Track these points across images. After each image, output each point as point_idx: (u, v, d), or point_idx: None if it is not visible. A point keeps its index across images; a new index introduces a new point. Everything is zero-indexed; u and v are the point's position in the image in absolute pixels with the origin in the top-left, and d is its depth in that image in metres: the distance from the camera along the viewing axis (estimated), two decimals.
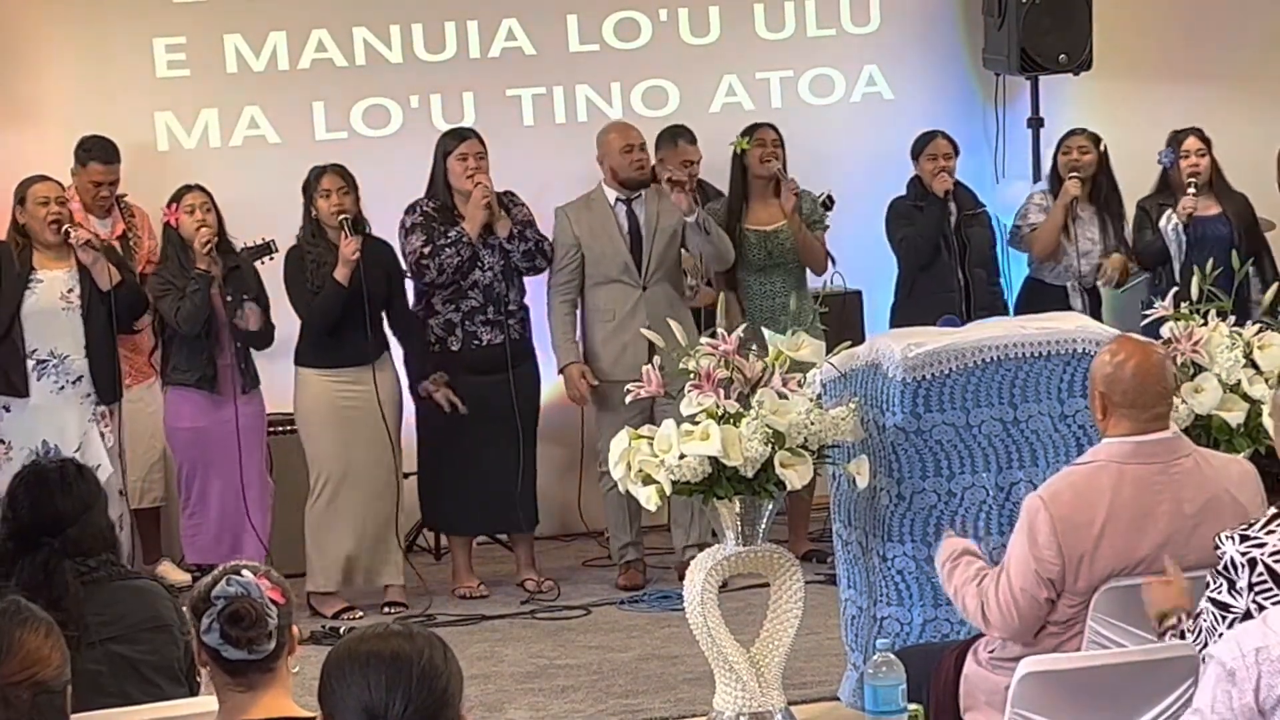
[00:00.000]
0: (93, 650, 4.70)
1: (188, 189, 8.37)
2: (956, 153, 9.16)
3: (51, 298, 8.18)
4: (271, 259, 8.43)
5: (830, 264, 9.11)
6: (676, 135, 9.28)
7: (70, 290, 8.18)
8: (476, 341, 8.63)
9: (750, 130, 9.08)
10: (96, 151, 8.85)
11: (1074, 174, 9.26)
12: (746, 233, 8.95)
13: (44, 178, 8.31)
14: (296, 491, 8.59)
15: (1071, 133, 9.50)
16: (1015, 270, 9.55)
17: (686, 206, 8.60)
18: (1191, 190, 9.16)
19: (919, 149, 9.16)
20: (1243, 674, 3.85)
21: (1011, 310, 9.29)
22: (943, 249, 9.02)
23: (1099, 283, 9.32)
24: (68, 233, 8.11)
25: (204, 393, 8.33)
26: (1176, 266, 9.01)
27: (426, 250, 8.53)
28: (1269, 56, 10.51)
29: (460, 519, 8.82)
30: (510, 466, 8.62)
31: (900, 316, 8.97)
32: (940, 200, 9.02)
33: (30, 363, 8.18)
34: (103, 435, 8.21)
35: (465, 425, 8.60)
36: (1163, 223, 9.16)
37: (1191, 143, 9.26)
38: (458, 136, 8.69)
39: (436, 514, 8.94)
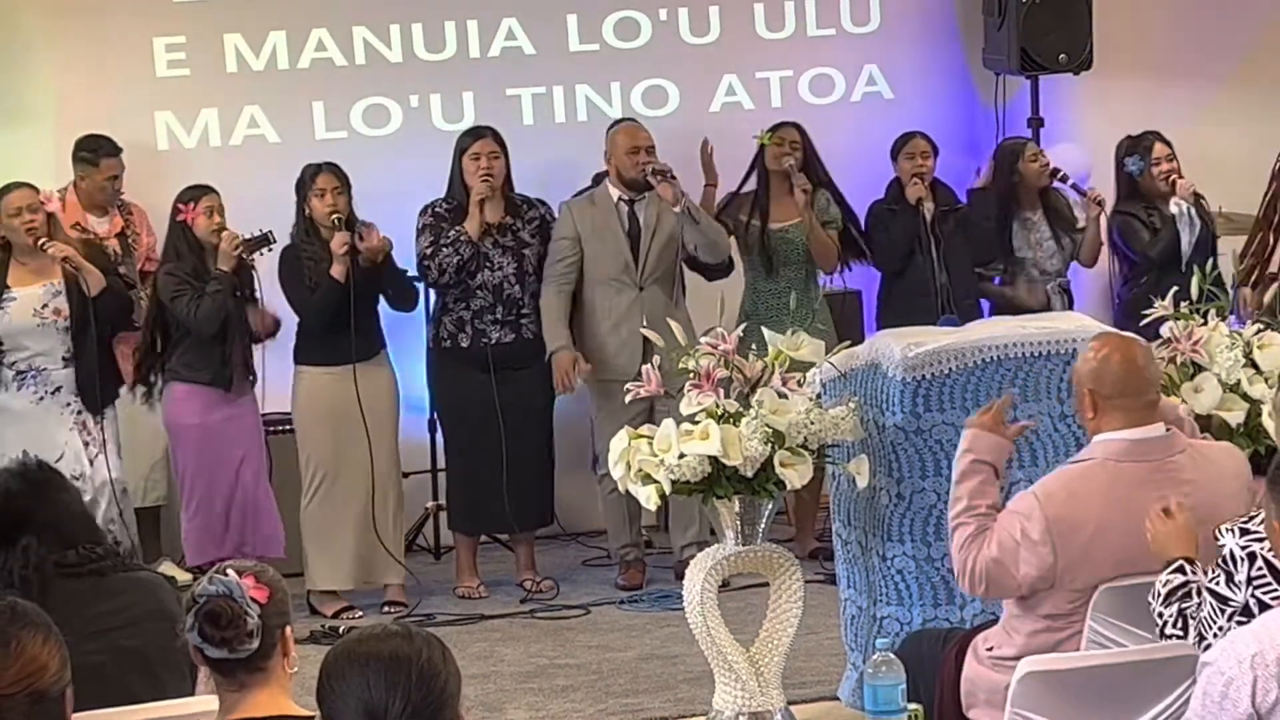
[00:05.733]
0: (95, 641, 4.69)
1: (205, 190, 8.35)
2: (936, 153, 9.15)
3: (24, 315, 8.14)
4: (270, 249, 8.44)
5: (847, 266, 9.14)
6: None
7: (45, 306, 8.15)
8: (485, 339, 8.63)
9: (777, 127, 9.10)
10: (106, 147, 8.86)
11: (1092, 190, 9.30)
12: (755, 228, 8.97)
13: (17, 185, 8.23)
14: (295, 491, 8.58)
15: (1027, 141, 9.54)
16: None
17: (672, 197, 8.59)
18: (1176, 179, 9.16)
19: (897, 149, 9.18)
20: (1239, 681, 3.85)
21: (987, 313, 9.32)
22: (918, 252, 8.99)
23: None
24: (44, 247, 8.08)
25: (217, 390, 8.33)
26: (1187, 252, 8.99)
27: (429, 251, 8.54)
28: (1269, 55, 10.51)
29: (467, 517, 8.82)
30: (514, 466, 8.62)
31: (881, 322, 8.96)
32: (913, 204, 9.01)
33: (10, 373, 8.17)
34: (86, 445, 8.19)
35: (473, 424, 8.60)
36: (1173, 210, 9.15)
37: (1160, 148, 9.28)
38: (472, 135, 8.71)
39: (448, 512, 8.95)
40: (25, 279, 8.18)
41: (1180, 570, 4.76)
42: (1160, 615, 4.78)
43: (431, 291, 8.84)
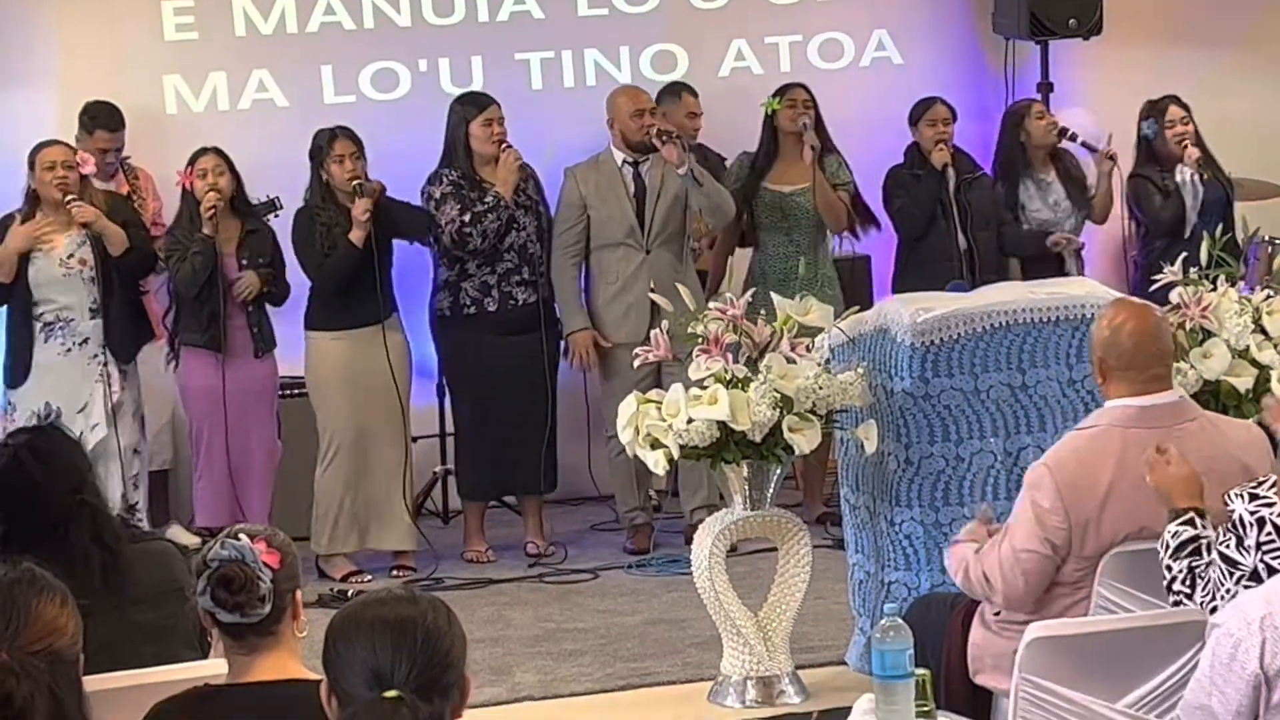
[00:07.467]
0: (109, 616, 4.70)
1: (203, 152, 8.38)
2: (955, 118, 9.14)
3: (51, 265, 8.18)
4: (276, 216, 8.45)
5: (855, 234, 9.12)
6: (680, 89, 9.31)
7: (70, 256, 8.18)
8: (513, 301, 8.63)
9: (782, 90, 9.07)
10: (102, 118, 8.85)
11: (1105, 146, 9.28)
12: (764, 191, 8.94)
13: (54, 142, 8.32)
14: (304, 455, 8.59)
15: (1033, 101, 9.52)
16: None
17: (676, 158, 8.57)
18: (1188, 144, 9.14)
19: (918, 115, 9.13)
20: (1248, 642, 3.86)
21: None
22: (940, 217, 8.98)
23: None
24: (70, 206, 8.11)
25: (212, 353, 8.35)
26: (1192, 220, 8.98)
27: (467, 219, 8.51)
28: (1279, 20, 10.47)
29: (480, 483, 8.81)
30: (540, 427, 8.63)
31: (898, 287, 8.80)
32: (938, 169, 9.00)
33: (38, 325, 8.21)
34: (106, 397, 8.22)
35: (499, 387, 8.58)
36: (1179, 178, 9.13)
37: (1174, 111, 9.25)
38: (478, 104, 8.66)
39: (458, 477, 8.95)
40: (53, 232, 8.21)
41: (1190, 523, 4.75)
42: (1169, 569, 4.76)
43: (435, 258, 8.79)
